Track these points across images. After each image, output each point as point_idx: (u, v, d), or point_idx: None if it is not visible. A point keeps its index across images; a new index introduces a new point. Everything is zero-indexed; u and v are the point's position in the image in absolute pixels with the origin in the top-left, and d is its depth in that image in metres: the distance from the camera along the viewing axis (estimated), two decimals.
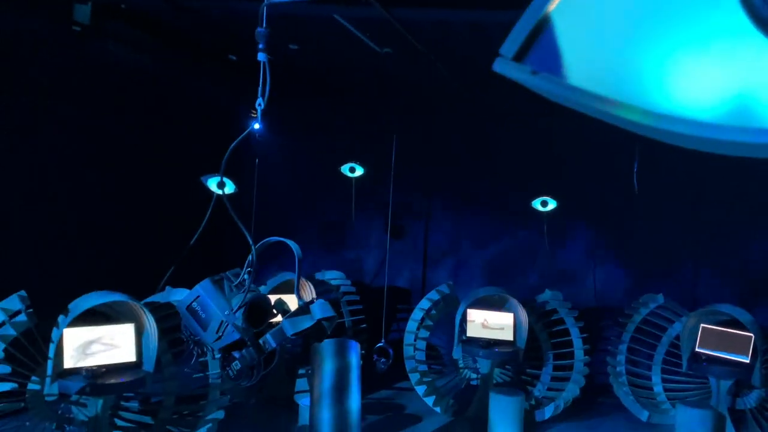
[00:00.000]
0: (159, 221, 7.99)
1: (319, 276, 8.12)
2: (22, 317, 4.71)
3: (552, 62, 0.80)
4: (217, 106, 8.59)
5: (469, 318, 7.09)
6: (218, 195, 6.70)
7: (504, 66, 0.82)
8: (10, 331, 4.64)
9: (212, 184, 6.74)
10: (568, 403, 6.99)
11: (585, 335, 7.24)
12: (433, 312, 7.37)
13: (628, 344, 7.37)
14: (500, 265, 8.63)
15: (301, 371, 7.19)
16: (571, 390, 7.09)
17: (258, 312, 3.42)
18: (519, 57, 0.82)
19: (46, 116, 6.64)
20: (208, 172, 6.71)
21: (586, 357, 7.25)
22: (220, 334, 3.31)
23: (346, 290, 8.17)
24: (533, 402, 7.14)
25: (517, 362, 7.29)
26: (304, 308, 3.48)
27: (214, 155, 8.41)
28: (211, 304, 3.35)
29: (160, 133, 8.11)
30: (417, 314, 7.29)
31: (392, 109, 8.47)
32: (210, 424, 5.44)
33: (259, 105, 3.25)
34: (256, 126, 9.27)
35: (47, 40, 6.47)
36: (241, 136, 3.74)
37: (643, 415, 6.96)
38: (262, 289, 6.71)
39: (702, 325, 6.76)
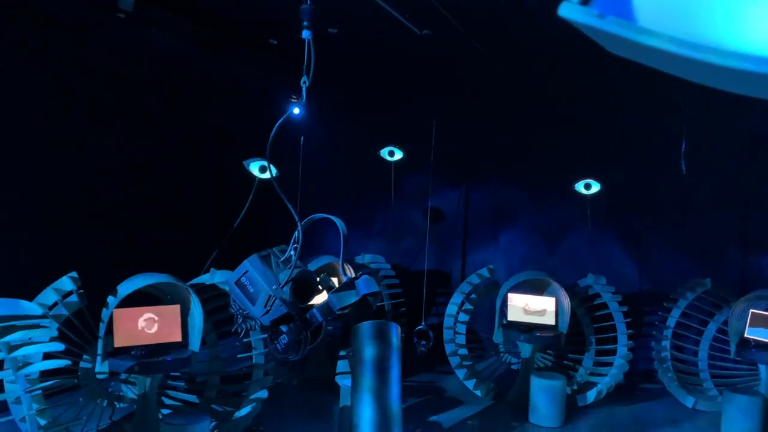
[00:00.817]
0: (203, 205, 8.13)
1: (359, 260, 8.17)
2: (73, 298, 4.85)
3: (620, 4, 0.77)
4: (258, 90, 8.66)
5: (509, 302, 7.04)
6: (266, 176, 6.80)
7: (569, 10, 0.79)
8: (63, 311, 4.79)
9: (254, 168, 6.82)
10: (611, 389, 6.90)
11: (629, 320, 7.12)
12: (473, 296, 7.35)
13: (673, 329, 7.23)
14: (542, 248, 8.53)
15: (341, 353, 7.26)
16: (615, 375, 7.00)
17: (304, 287, 3.47)
18: (585, 0, 0.79)
19: (93, 102, 6.80)
20: (250, 156, 6.79)
21: (630, 342, 7.13)
22: (268, 308, 3.36)
23: (385, 274, 8.20)
24: (575, 387, 7.07)
25: (558, 347, 7.22)
26: (350, 284, 3.51)
27: (255, 139, 8.52)
28: (259, 279, 3.40)
29: (202, 118, 8.23)
30: (457, 298, 7.28)
31: (431, 92, 8.41)
32: (254, 404, 5.53)
33: (304, 83, 3.26)
34: (296, 111, 9.35)
35: (93, 26, 6.62)
36: (281, 120, 3.75)
37: (689, 402, 6.84)
38: None
39: (752, 310, 6.58)
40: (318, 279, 3.53)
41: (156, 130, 7.61)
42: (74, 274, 4.85)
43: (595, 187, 7.60)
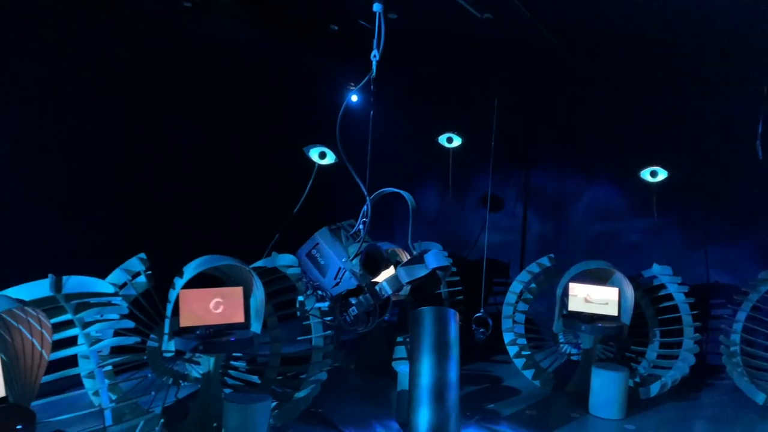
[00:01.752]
0: (265, 191, 8.26)
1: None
2: (141, 278, 5.02)
3: None
4: (318, 77, 8.73)
5: (571, 292, 6.90)
6: (325, 162, 6.85)
7: None
8: (131, 291, 4.96)
9: (314, 154, 6.88)
10: (675, 382, 6.69)
11: (695, 312, 6.87)
12: (533, 285, 7.24)
13: (744, 323, 6.93)
14: (605, 237, 8.31)
15: (399, 339, 7.29)
16: (680, 368, 6.77)
17: (373, 261, 3.50)
18: None
19: (158, 90, 6.99)
20: (310, 142, 6.85)
21: (697, 335, 6.89)
22: (338, 280, 3.41)
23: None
24: (638, 379, 6.89)
25: (621, 338, 7.05)
26: (419, 257, 3.52)
27: (315, 125, 8.60)
28: (330, 252, 3.45)
29: (264, 105, 8.35)
30: (516, 287, 7.19)
31: (492, 77, 8.29)
32: (313, 385, 5.61)
33: (374, 57, 3.27)
34: (354, 98, 9.34)
35: (161, 15, 6.79)
36: (343, 106, 3.76)
37: (759, 398, 6.55)
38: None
39: None
40: (386, 253, 3.56)
41: (220, 116, 7.76)
42: (143, 255, 5.02)
43: (662, 175, 7.34)
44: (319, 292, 3.46)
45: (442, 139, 8.30)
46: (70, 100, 6.11)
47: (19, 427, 3.04)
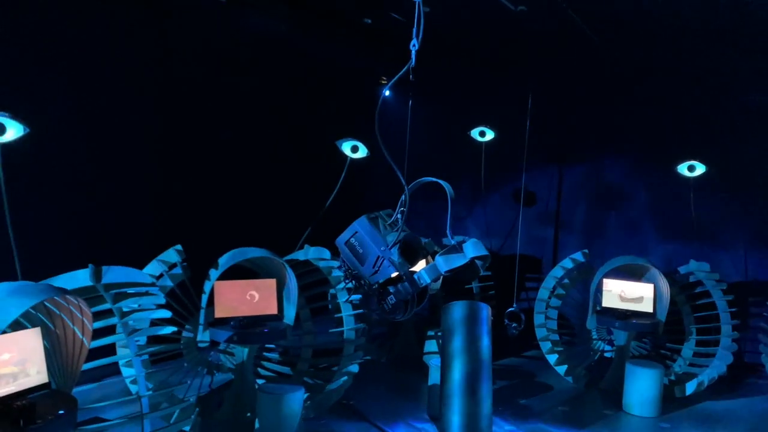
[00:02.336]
0: (298, 184, 8.32)
1: (446, 242, 8.12)
2: (177, 270, 5.10)
3: None
4: (350, 71, 8.76)
5: (604, 288, 6.81)
6: (358, 156, 6.86)
7: None
8: (168, 282, 5.05)
9: (346, 147, 6.90)
10: (712, 381, 6.56)
11: (733, 309, 6.73)
12: (566, 281, 7.16)
13: None
14: (640, 233, 8.18)
15: (430, 333, 7.29)
16: (717, 367, 6.64)
17: (411, 250, 3.50)
18: None
19: (193, 84, 7.08)
20: (342, 135, 6.87)
21: (734, 333, 6.74)
22: (377, 268, 3.42)
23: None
24: (673, 377, 6.77)
25: (655, 335, 6.94)
26: (457, 247, 3.50)
27: (348, 119, 8.62)
28: (368, 240, 3.46)
29: (297, 98, 8.40)
30: (549, 282, 7.12)
31: (526, 71, 8.20)
32: (345, 377, 5.65)
33: (413, 46, 3.26)
34: (386, 93, 9.30)
35: (197, 11, 6.88)
36: (382, 96, 3.76)
37: None
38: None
39: None
40: (424, 243, 3.56)
41: (254, 110, 7.84)
42: (179, 247, 5.10)
43: (700, 169, 7.19)
44: (350, 284, 3.47)
45: (475, 133, 8.25)
46: (109, 94, 6.23)
47: (61, 412, 3.12)
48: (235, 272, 5.36)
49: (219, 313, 5.25)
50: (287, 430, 4.85)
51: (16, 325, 3.32)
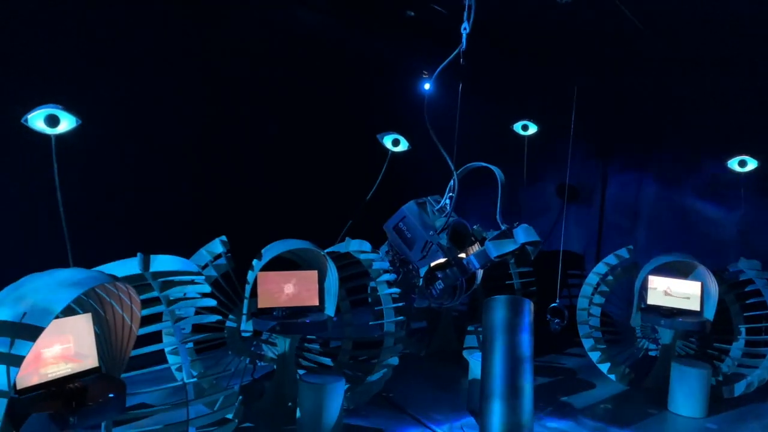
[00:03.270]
0: (340, 177, 8.37)
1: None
2: (222, 260, 5.19)
3: None
4: (392, 64, 8.75)
5: (650, 285, 6.67)
6: (398, 149, 6.84)
7: None
8: (212, 272, 5.14)
9: (387, 141, 6.90)
10: (762, 382, 6.36)
11: None
12: (610, 278, 7.03)
13: None
14: (687, 229, 7.98)
15: (470, 328, 7.25)
16: (767, 368, 6.44)
17: (459, 236, 3.48)
18: None
19: (237, 78, 7.18)
20: (384, 129, 6.88)
21: None
22: (425, 253, 3.42)
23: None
24: (720, 378, 6.59)
25: (703, 334, 6.76)
26: (507, 232, 3.48)
27: (389, 112, 8.61)
28: (417, 225, 3.47)
29: (339, 92, 8.43)
30: (592, 279, 7.00)
31: (570, 64, 8.07)
32: (385, 369, 5.66)
33: (465, 29, 3.25)
34: (426, 86, 9.24)
35: (241, 6, 6.96)
36: (430, 86, 3.73)
37: None
38: None
39: None
40: (472, 229, 3.55)
41: (297, 104, 7.90)
42: (224, 237, 5.19)
43: (751, 164, 6.97)
44: (388, 278, 3.48)
45: (517, 127, 8.15)
46: (156, 88, 6.37)
47: (111, 395, 3.21)
48: (278, 263, 5.42)
49: (262, 303, 5.32)
50: (328, 420, 4.89)
51: (68, 311, 3.42)
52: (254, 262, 5.26)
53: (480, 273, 6.27)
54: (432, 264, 3.42)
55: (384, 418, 5.52)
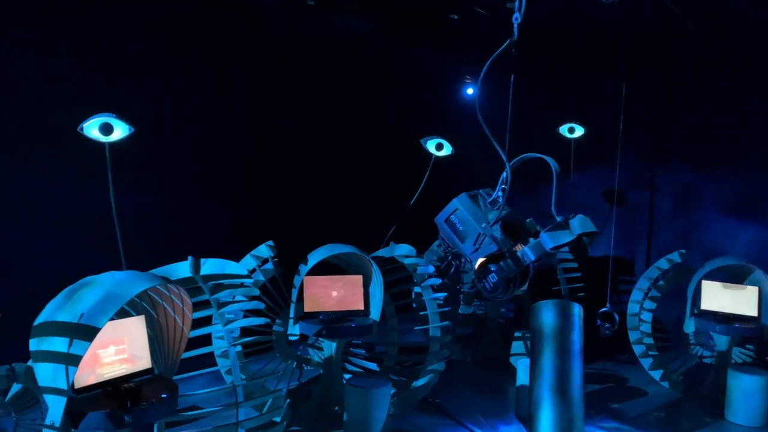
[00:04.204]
0: (384, 182, 8.39)
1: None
2: (269, 265, 5.24)
3: None
4: (435, 69, 8.75)
5: (704, 290, 6.46)
6: (442, 154, 6.82)
7: None
8: (260, 277, 5.19)
9: (431, 146, 6.89)
10: None
11: None
12: (661, 282, 6.84)
13: None
14: (742, 232, 7.71)
15: (516, 334, 7.16)
16: None
17: (513, 228, 3.44)
18: None
19: (282, 87, 7.28)
20: (427, 133, 6.87)
21: None
22: (478, 246, 3.39)
23: (562, 257, 7.91)
24: None
25: (761, 341, 6.51)
26: (563, 224, 3.42)
27: (432, 117, 8.59)
28: (469, 217, 3.43)
29: (383, 98, 8.47)
30: (643, 283, 6.82)
31: (617, 64, 7.91)
32: (431, 375, 5.62)
33: (516, 19, 3.22)
34: (470, 91, 9.19)
35: (284, 14, 7.06)
36: (482, 75, 3.67)
37: None
38: None
39: None
40: (526, 222, 3.50)
41: (342, 110, 7.97)
42: (271, 242, 5.24)
43: None
44: (432, 282, 3.44)
45: (564, 129, 8.03)
46: (204, 96, 6.51)
47: (164, 395, 3.27)
48: (323, 268, 5.46)
49: (308, 307, 5.36)
50: (375, 424, 4.87)
51: (122, 313, 3.50)
52: (300, 266, 5.30)
53: (527, 283, 6.19)
54: (485, 257, 3.37)
55: (431, 423, 5.47)
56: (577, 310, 5.26)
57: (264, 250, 5.21)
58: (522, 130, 8.69)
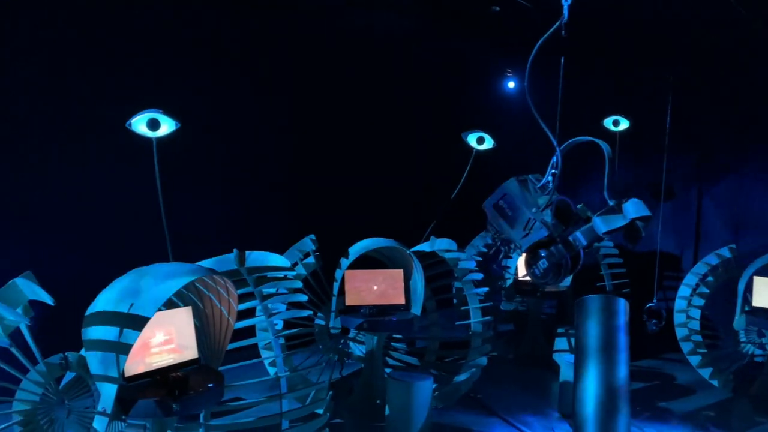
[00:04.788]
0: (424, 176, 8.37)
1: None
2: (311, 259, 5.28)
3: None
4: (475, 62, 8.68)
5: (755, 286, 6.26)
6: (483, 148, 6.76)
7: None
8: (302, 270, 5.24)
9: (472, 140, 6.84)
10: None
11: None
12: (710, 278, 6.65)
13: None
14: None
15: (560, 330, 7.05)
16: None
17: (563, 213, 3.39)
18: None
19: (324, 82, 7.32)
20: (468, 127, 6.82)
21: None
22: (528, 231, 3.35)
23: (606, 252, 7.75)
24: None
25: None
26: (616, 207, 3.35)
27: (473, 111, 8.52)
28: (518, 202, 3.40)
29: (423, 91, 8.44)
30: (691, 279, 6.65)
31: (666, 56, 7.71)
32: (473, 370, 5.59)
33: (566, 0, 3.17)
34: (511, 84, 9.05)
35: (325, 10, 7.10)
36: (532, 55, 3.60)
37: None
38: None
39: None
40: (576, 208, 3.44)
41: (381, 105, 7.97)
42: (313, 236, 5.28)
43: None
44: (474, 277, 3.40)
45: (608, 122, 7.86)
46: (250, 93, 6.61)
47: (210, 385, 3.32)
48: (365, 262, 5.47)
49: (349, 300, 5.39)
50: (418, 418, 4.86)
51: (170, 304, 3.57)
52: (342, 260, 5.33)
53: (569, 279, 6.05)
54: (535, 242, 3.32)
55: (473, 418, 5.45)
56: (623, 306, 5.15)
57: (307, 243, 5.25)
58: (567, 121, 8.59)
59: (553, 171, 3.36)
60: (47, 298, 3.18)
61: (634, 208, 3.27)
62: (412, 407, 4.87)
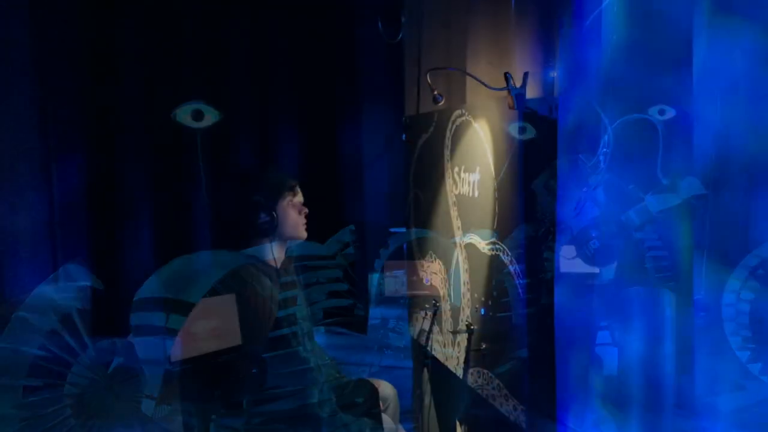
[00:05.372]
0: None
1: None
2: (349, 250, 5.31)
3: None
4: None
5: None
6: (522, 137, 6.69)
7: None
8: (341, 261, 5.27)
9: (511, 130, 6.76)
10: None
11: None
12: (761, 271, 6.45)
13: None
14: None
15: (602, 323, 6.94)
16: None
17: (613, 192, 3.33)
18: None
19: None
20: None
21: None
22: (578, 210, 3.30)
23: (651, 245, 7.57)
24: None
25: None
26: (670, 186, 3.29)
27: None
28: (568, 181, 3.34)
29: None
30: (740, 272, 6.44)
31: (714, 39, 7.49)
32: (512, 361, 5.53)
33: None
34: (553, 74, 8.92)
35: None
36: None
37: None
38: None
39: None
40: (628, 187, 3.39)
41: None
42: (352, 227, 5.31)
43: None
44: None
45: (654, 111, 7.65)
46: (285, 82, 6.63)
47: (254, 370, 3.38)
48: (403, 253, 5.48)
49: (388, 290, 5.40)
50: (456, 407, 4.87)
51: (213, 290, 3.64)
52: (381, 250, 5.34)
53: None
54: (585, 223, 3.27)
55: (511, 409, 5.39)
56: (668, 298, 5.06)
57: (346, 234, 5.28)
58: (610, 110, 8.41)
59: (605, 150, 3.30)
60: (97, 283, 3.27)
61: (688, 187, 3.19)
62: (450, 397, 4.87)
